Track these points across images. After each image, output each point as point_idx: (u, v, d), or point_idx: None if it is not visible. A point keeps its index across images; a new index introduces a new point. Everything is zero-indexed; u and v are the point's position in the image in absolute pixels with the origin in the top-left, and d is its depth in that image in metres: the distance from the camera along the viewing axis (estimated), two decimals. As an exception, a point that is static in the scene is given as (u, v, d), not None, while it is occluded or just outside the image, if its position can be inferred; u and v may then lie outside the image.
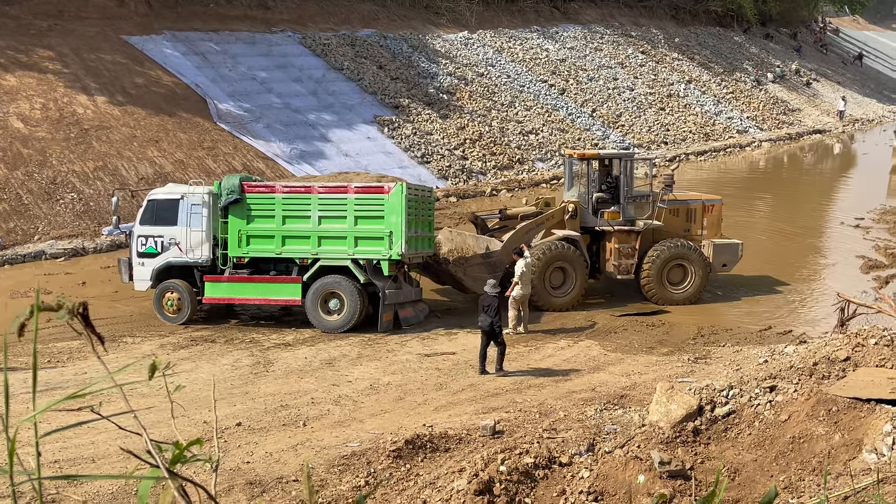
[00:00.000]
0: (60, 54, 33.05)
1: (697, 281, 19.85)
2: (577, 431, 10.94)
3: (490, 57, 45.91)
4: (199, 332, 17.35)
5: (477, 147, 36.99)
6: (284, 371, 14.95)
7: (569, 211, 19.83)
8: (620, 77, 50.14)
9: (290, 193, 17.68)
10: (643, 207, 20.03)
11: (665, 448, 9.55)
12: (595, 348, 16.66)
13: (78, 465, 10.38)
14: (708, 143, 47.09)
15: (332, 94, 37.11)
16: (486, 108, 40.41)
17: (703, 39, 62.95)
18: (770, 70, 62.44)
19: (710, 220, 20.80)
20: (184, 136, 31.18)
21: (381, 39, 43.06)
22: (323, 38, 41.02)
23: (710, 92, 53.61)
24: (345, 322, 17.45)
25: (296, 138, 33.30)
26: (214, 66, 35.99)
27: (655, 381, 12.42)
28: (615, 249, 19.70)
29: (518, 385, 14.23)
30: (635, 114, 46.85)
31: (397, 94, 38.53)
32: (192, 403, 12.36)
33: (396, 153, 34.75)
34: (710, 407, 10.20)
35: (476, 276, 18.58)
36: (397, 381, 14.36)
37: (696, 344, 17.02)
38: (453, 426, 11.56)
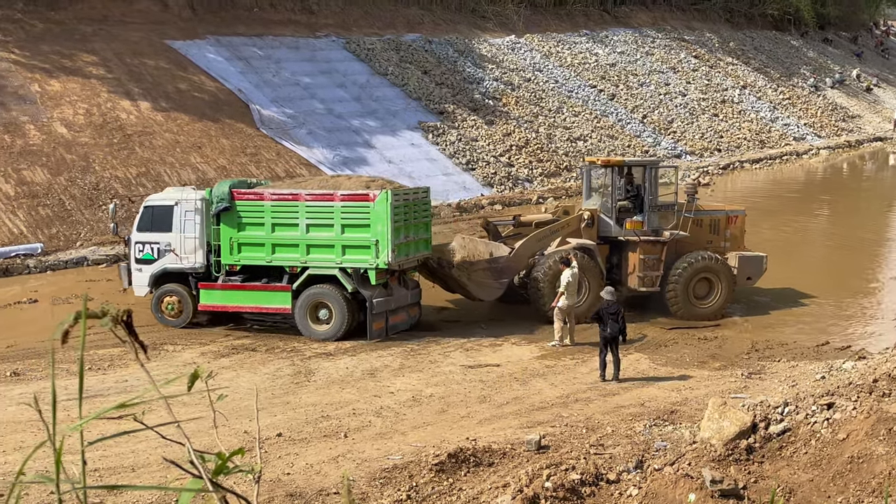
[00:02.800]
0: (104, 59, 33.69)
1: (723, 295, 19.44)
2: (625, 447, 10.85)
3: (537, 61, 45.87)
4: (240, 340, 17.52)
5: (523, 154, 36.96)
6: (325, 381, 15.02)
7: (585, 219, 19.57)
8: (672, 82, 49.79)
9: (279, 201, 17.76)
10: (667, 217, 19.71)
11: (717, 466, 9.43)
12: (644, 362, 16.50)
13: (118, 473, 10.53)
14: (763, 150, 46.55)
15: (375, 99, 37.33)
16: (532, 114, 40.36)
17: (759, 43, 62.28)
18: (829, 75, 61.56)
19: (733, 232, 20.43)
20: (227, 142, 31.57)
21: (426, 44, 43.24)
22: (367, 43, 41.30)
23: (766, 98, 53.01)
24: (334, 331, 17.56)
25: (339, 144, 33.54)
26: (258, 71, 36.41)
27: (707, 397, 12.27)
28: (640, 261, 19.27)
29: (564, 399, 14.14)
30: (688, 120, 46.48)
31: (442, 99, 38.64)
32: (233, 413, 12.47)
33: (441, 160, 34.84)
34: (764, 424, 10.06)
35: (481, 282, 18.47)
36: (440, 393, 14.34)
37: (751, 359, 16.77)
38: (497, 440, 11.52)
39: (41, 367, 15.68)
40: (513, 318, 19.24)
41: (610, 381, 14.95)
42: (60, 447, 1.51)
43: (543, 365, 16.21)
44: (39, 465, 1.56)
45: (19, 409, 12.88)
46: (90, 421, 1.61)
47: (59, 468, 1.50)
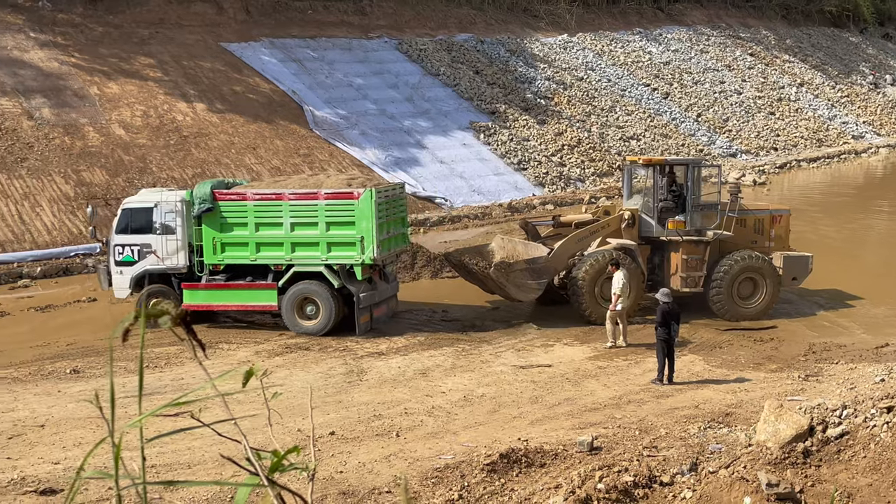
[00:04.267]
0: (161, 62, 34.25)
1: (768, 296, 19.13)
2: (679, 450, 10.73)
3: (590, 60, 45.61)
4: (293, 339, 17.68)
5: (575, 153, 36.78)
6: (378, 380, 15.09)
7: (625, 219, 19.36)
8: (727, 80, 49.16)
9: (262, 201, 17.96)
10: (710, 217, 19.42)
11: (773, 469, 9.29)
12: (699, 363, 16.31)
13: (174, 470, 10.69)
14: (821, 149, 45.75)
15: (427, 100, 37.44)
16: (585, 114, 40.15)
17: (817, 40, 61.20)
18: (889, 72, 60.25)
19: (778, 232, 20.06)
20: (280, 143, 31.89)
21: (477, 44, 43.25)
22: (419, 44, 41.44)
23: (824, 95, 52.08)
24: (322, 326, 17.90)
25: (391, 145, 33.69)
26: (311, 72, 36.74)
27: (763, 399, 12.09)
28: (683, 261, 19.00)
29: (617, 400, 14.04)
30: (743, 118, 45.86)
31: (494, 99, 38.61)
32: (287, 411, 12.59)
33: (492, 160, 34.82)
34: (821, 427, 9.88)
35: (519, 283, 18.37)
36: (491, 393, 14.33)
37: (808, 360, 16.49)
38: (549, 441, 11.48)
39: (100, 364, 15.99)
40: (564, 319, 19.15)
41: (665, 383, 14.83)
42: (119, 443, 1.53)
43: (596, 366, 16.11)
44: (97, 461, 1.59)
45: (78, 406, 13.15)
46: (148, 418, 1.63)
47: (119, 464, 1.52)
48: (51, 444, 11.71)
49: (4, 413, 13.09)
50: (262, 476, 1.69)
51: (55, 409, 13.28)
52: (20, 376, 15.32)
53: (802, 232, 21.14)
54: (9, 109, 29.48)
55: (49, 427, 12.43)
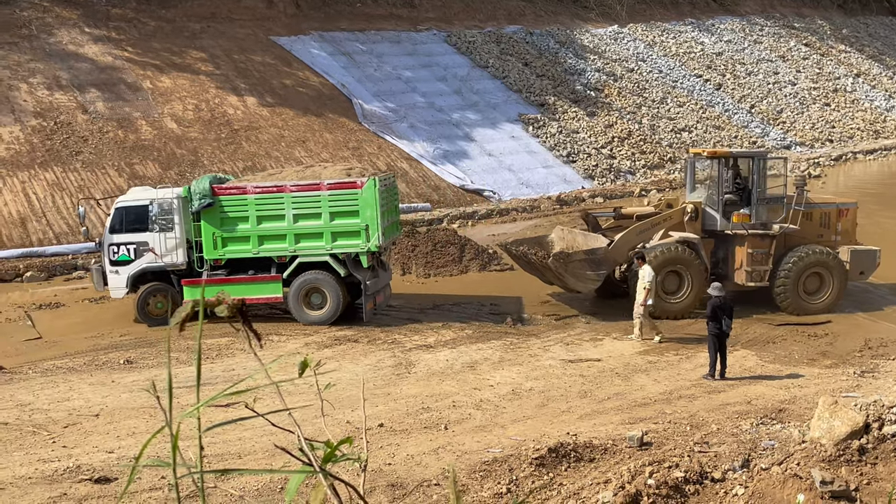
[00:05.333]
0: (212, 56, 34.64)
1: (835, 291, 18.91)
2: (730, 446, 10.62)
3: (641, 51, 45.20)
4: (342, 331, 17.81)
5: (625, 146, 36.49)
6: (426, 373, 15.14)
7: (688, 212, 19.16)
8: (782, 71, 48.39)
9: (263, 194, 17.99)
10: (776, 210, 19.16)
11: (827, 467, 9.15)
12: (752, 358, 16.12)
13: (225, 460, 10.83)
14: (878, 140, 44.84)
15: (476, 92, 37.40)
16: (635, 105, 39.80)
17: (874, 30, 59.95)
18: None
19: (844, 226, 19.71)
20: (329, 137, 32.10)
21: (526, 36, 43.08)
22: (468, 36, 41.40)
23: (881, 86, 51.02)
24: (329, 315, 18.13)
25: (439, 138, 33.72)
26: (360, 65, 36.90)
27: (817, 396, 11.92)
28: (748, 255, 18.80)
29: (667, 395, 13.93)
30: (797, 110, 45.13)
31: (542, 91, 38.45)
32: (336, 402, 12.69)
33: (541, 152, 34.69)
34: (877, 424, 9.71)
35: (578, 273, 18.28)
36: (540, 387, 14.30)
37: (863, 356, 16.20)
38: (598, 435, 11.43)
39: (153, 355, 16.26)
40: (613, 313, 19.04)
41: (716, 378, 14.68)
42: (177, 433, 1.56)
43: (646, 360, 15.99)
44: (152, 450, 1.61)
45: (132, 396, 13.39)
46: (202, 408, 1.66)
47: (176, 453, 1.55)
48: (105, 434, 11.92)
49: (60, 402, 13.37)
50: (315, 466, 1.71)
51: (109, 398, 13.53)
52: (75, 366, 15.63)
53: (862, 225, 20.76)
54: (64, 103, 30.04)
55: (103, 416, 12.67)
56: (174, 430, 1.56)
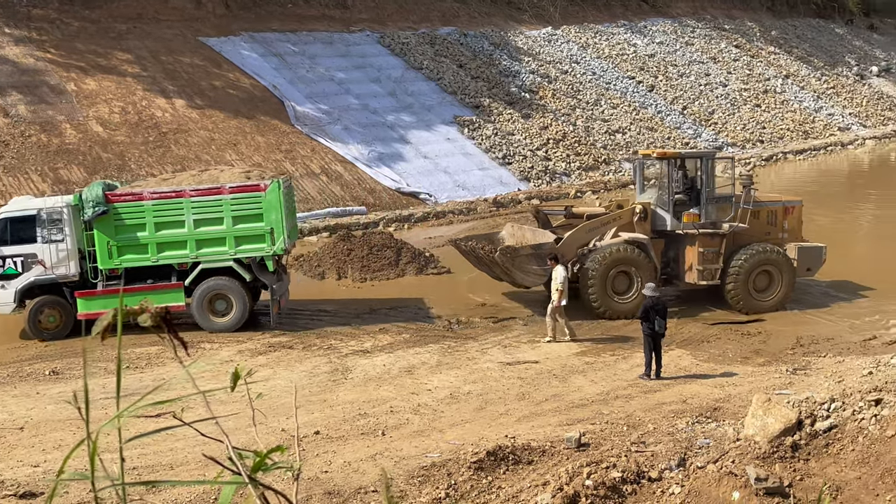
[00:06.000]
0: (139, 57, 34.08)
1: (784, 288, 19.35)
2: (667, 445, 10.77)
3: (575, 53, 45.67)
4: (276, 338, 17.64)
5: (561, 147, 36.83)
6: (363, 378, 15.08)
7: (637, 213, 19.48)
8: (713, 72, 49.33)
9: (161, 200, 17.53)
10: (725, 209, 19.58)
11: (761, 464, 9.34)
12: (686, 358, 16.38)
13: (156, 471, 10.65)
14: (807, 141, 45.97)
15: (411, 94, 37.40)
16: (570, 107, 40.20)
17: (802, 32, 61.47)
18: (874, 63, 60.60)
19: (790, 223, 20.24)
20: (262, 139, 31.80)
21: (461, 37, 43.24)
22: (402, 37, 41.40)
23: (810, 87, 52.33)
24: (236, 321, 17.93)
25: (374, 140, 33.65)
26: (292, 67, 36.64)
27: (751, 393, 12.15)
28: (699, 254, 19.18)
29: (604, 396, 14.08)
30: (729, 111, 46.03)
31: (478, 93, 38.61)
32: (271, 411, 12.57)
33: (477, 154, 34.83)
34: (809, 421, 9.94)
35: (524, 268, 18.46)
36: (478, 390, 14.35)
37: (795, 354, 16.59)
38: (536, 438, 11.51)
39: (79, 365, 15.91)
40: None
41: (652, 378, 14.89)
42: (95, 444, 1.52)
43: (583, 361, 16.15)
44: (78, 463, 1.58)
45: (58, 408, 13.09)
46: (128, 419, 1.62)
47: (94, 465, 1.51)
48: (30, 447, 11.64)
49: (-18, 416, 13.01)
50: (244, 476, 1.69)
51: (34, 411, 13.21)
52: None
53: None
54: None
55: (28, 429, 12.36)
56: (93, 442, 1.52)
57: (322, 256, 23.25)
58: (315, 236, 26.94)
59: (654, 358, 15.01)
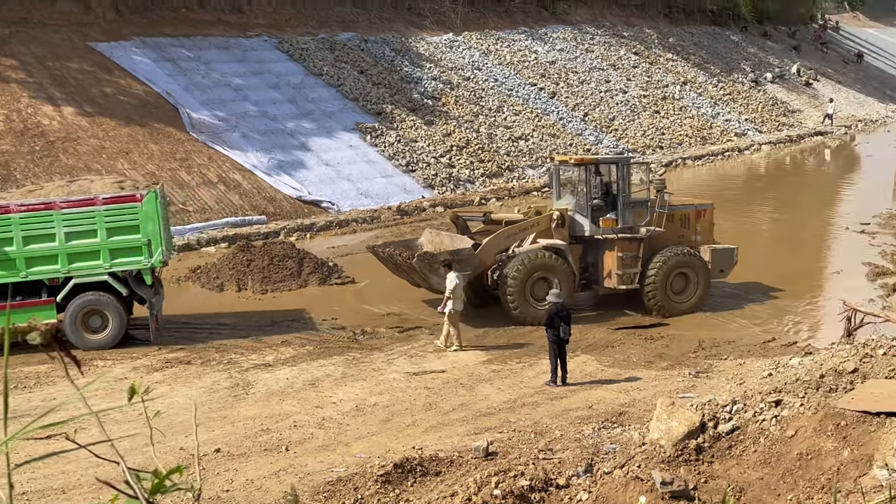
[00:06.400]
0: (24, 63, 32.98)
1: (701, 290, 20.02)
2: (574, 451, 10.93)
3: (476, 60, 46.06)
4: (173, 353, 17.26)
5: (464, 154, 37.07)
6: (265, 393, 14.89)
7: (555, 219, 19.81)
8: (613, 79, 50.37)
9: (29, 212, 16.85)
10: (641, 214, 20.09)
11: (667, 467, 9.56)
12: (591, 363, 16.66)
13: (47, 496, 10.31)
14: (705, 146, 47.31)
15: (311, 100, 37.14)
16: (473, 114, 40.51)
17: (699, 39, 63.33)
18: (769, 70, 62.85)
19: (703, 226, 20.94)
20: (155, 147, 31.13)
21: (361, 43, 43.15)
22: (301, 43, 41.08)
23: (707, 94, 53.91)
24: (113, 338, 17.43)
25: (274, 148, 33.27)
26: (187, 73, 35.97)
27: (655, 397, 12.44)
28: (618, 259, 19.65)
29: (511, 404, 14.21)
30: (629, 117, 47.06)
31: (380, 100, 38.58)
32: (168, 429, 12.29)
33: (380, 162, 34.79)
34: (713, 423, 10.22)
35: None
36: (384, 402, 14.32)
37: (697, 357, 17.04)
38: (444, 448, 11.54)
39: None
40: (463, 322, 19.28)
41: (558, 384, 15.10)
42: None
43: (490, 370, 16.27)
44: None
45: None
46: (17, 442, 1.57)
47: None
48: None
49: None
50: (141, 499, 1.65)
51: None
52: None
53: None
54: None
55: None
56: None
57: (220, 268, 22.86)
58: (213, 247, 26.49)
59: (559, 364, 15.23)
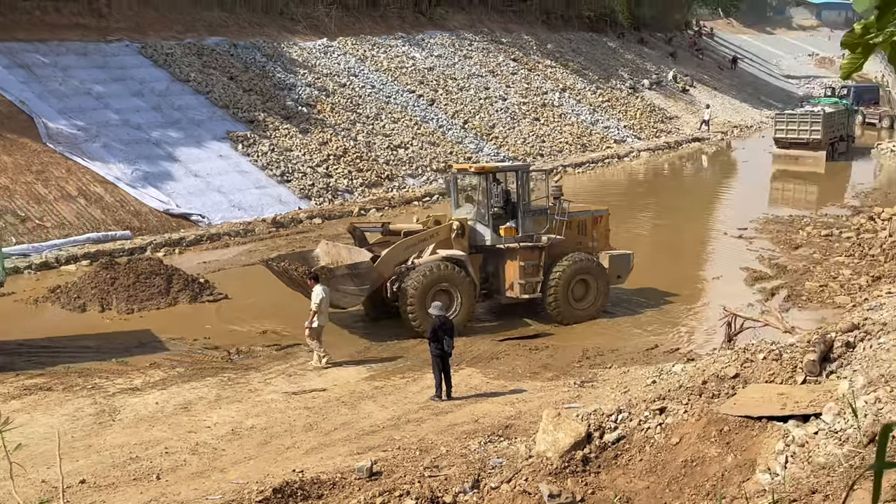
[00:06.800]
0: None
1: (601, 296, 20.66)
2: (460, 467, 10.99)
3: (352, 66, 45.99)
4: (32, 379, 16.60)
5: (342, 163, 36.91)
6: (133, 419, 14.48)
7: (454, 229, 19.96)
8: (492, 86, 51.03)
9: None
10: (540, 222, 20.48)
11: (554, 480, 9.70)
12: (476, 376, 16.79)
13: None
14: (585, 154, 48.38)
15: (177, 108, 36.37)
16: (350, 122, 40.40)
17: (577, 45, 64.78)
18: (646, 76, 64.79)
19: (599, 232, 21.60)
20: (8, 160, 29.93)
21: (231, 48, 42.53)
22: (165, 48, 40.21)
23: (586, 100, 55.17)
24: None
25: (138, 158, 32.42)
26: (42, 80, 34.75)
27: (541, 409, 12.61)
28: (520, 267, 19.98)
29: (395, 421, 14.20)
30: (509, 125, 47.74)
31: (251, 107, 38.08)
32: (29, 461, 11.81)
33: (253, 172, 34.31)
34: (598, 433, 10.42)
35: (341, 289, 18.51)
36: (262, 424, 14.11)
37: (582, 367, 17.38)
38: (326, 470, 11.44)
39: None
40: (339, 340, 19.16)
41: (443, 399, 15.16)
42: None
43: (372, 386, 16.22)
44: None
45: None
46: None
47: None
48: None
49: None
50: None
51: None
52: None
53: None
54: None
55: None
56: None
57: (82, 287, 22.11)
58: (74, 265, 25.61)
59: (443, 378, 15.30)
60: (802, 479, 7.78)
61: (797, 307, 21.44)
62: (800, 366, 10.89)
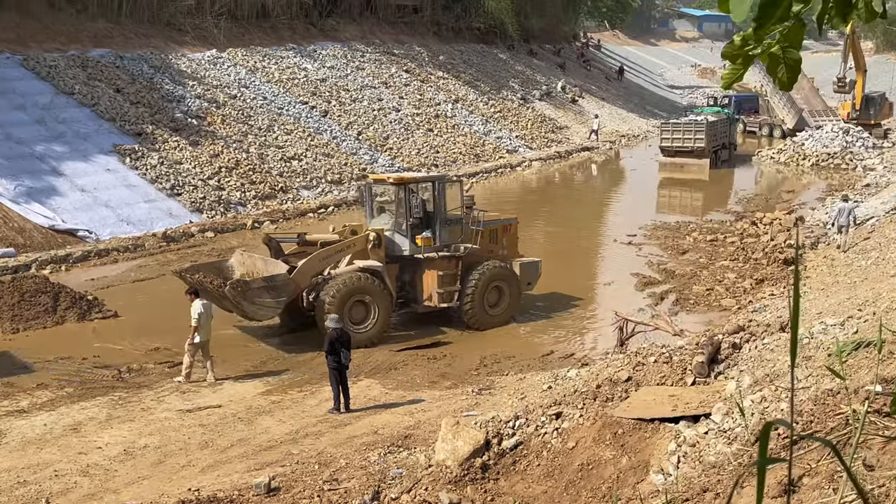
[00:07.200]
0: None
1: (514, 302, 21.13)
2: (360, 480, 10.92)
3: (243, 77, 45.43)
4: None
5: (234, 176, 36.39)
6: (20, 442, 13.96)
7: (371, 240, 19.92)
8: (385, 97, 51.05)
9: None
10: (455, 231, 20.68)
11: (454, 488, 9.72)
12: (375, 387, 16.74)
13: None
14: (479, 164, 48.79)
15: (62, 121, 35.31)
16: (241, 133, 39.87)
17: (468, 57, 65.34)
18: (536, 87, 65.74)
19: (509, 240, 22.22)
20: None
21: (117, 60, 41.54)
22: (49, 60, 39.01)
23: (478, 111, 55.66)
24: None
25: (21, 173, 31.34)
26: (-84, 92, 33.32)
27: (440, 418, 12.63)
28: (438, 277, 20.19)
29: (293, 435, 14.04)
30: (403, 136, 47.81)
31: (139, 119, 37.24)
32: None
33: (141, 185, 33.53)
34: (497, 440, 10.50)
35: (257, 301, 18.29)
36: (156, 443, 13.78)
37: (480, 374, 17.49)
38: (223, 487, 11.22)
39: None
40: (235, 354, 18.85)
41: (342, 411, 15.07)
42: None
43: (269, 401, 16.01)
44: None
45: None
46: None
47: None
48: None
49: None
50: None
51: None
52: None
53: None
54: None
55: None
56: None
57: None
58: (-46, 285, 24.57)
59: (341, 391, 15.21)
60: (694, 478, 7.97)
61: (685, 311, 22.04)
62: (689, 368, 11.18)
